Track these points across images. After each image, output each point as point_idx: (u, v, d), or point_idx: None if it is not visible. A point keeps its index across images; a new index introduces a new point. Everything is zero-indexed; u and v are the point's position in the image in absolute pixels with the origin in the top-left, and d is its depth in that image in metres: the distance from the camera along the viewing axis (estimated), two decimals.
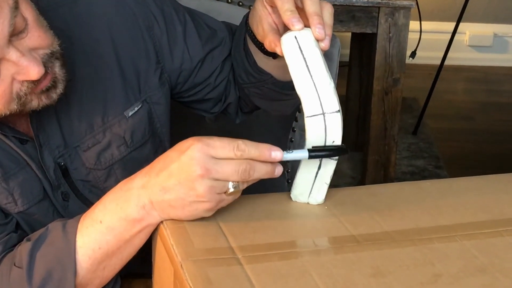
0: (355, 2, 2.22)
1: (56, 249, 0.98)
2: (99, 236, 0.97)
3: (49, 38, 0.98)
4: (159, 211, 0.94)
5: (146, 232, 0.97)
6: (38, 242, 0.99)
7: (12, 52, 0.93)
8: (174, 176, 0.91)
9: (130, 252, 0.99)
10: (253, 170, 0.91)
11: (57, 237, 0.99)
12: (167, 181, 0.91)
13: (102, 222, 0.97)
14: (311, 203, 1.01)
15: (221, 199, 0.92)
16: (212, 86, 1.22)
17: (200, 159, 0.89)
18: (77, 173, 1.12)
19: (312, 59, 0.96)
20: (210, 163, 0.89)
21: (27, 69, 0.94)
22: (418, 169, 2.83)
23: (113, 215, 0.96)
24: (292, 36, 0.96)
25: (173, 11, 1.18)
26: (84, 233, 0.98)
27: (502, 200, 1.03)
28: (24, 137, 1.06)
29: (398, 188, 1.08)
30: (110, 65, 1.13)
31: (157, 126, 1.18)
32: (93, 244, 0.97)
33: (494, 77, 3.68)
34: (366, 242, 0.92)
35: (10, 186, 1.05)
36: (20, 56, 0.94)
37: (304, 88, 0.97)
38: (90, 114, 1.11)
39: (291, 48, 0.96)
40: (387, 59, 2.28)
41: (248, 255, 0.88)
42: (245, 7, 1.50)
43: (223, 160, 0.90)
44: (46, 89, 0.99)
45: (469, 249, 0.91)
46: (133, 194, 0.95)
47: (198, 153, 0.89)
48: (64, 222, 1.00)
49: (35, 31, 0.96)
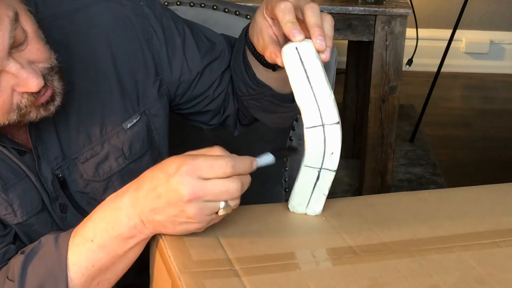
0: (351, 10, 2.22)
1: (48, 262, 0.98)
2: (91, 254, 0.96)
3: (47, 52, 0.99)
4: (151, 229, 0.94)
5: (139, 246, 0.97)
6: (30, 255, 0.99)
7: (12, 64, 0.93)
8: (162, 199, 0.90)
9: (125, 266, 0.99)
10: (243, 185, 0.91)
11: (49, 251, 0.99)
12: (156, 203, 0.91)
13: (93, 241, 0.96)
14: (309, 214, 1.01)
15: (211, 219, 0.92)
16: (211, 98, 1.22)
17: (189, 183, 0.88)
18: (75, 185, 1.12)
19: (312, 70, 0.96)
20: (198, 186, 0.88)
21: (27, 81, 0.94)
22: (416, 176, 2.83)
23: (104, 234, 0.95)
24: (293, 47, 0.96)
25: (172, 24, 1.18)
26: (76, 251, 0.97)
27: (500, 210, 1.03)
28: (22, 149, 1.06)
29: (396, 199, 1.08)
30: (108, 77, 1.12)
31: (156, 138, 1.18)
32: (86, 262, 0.97)
33: (491, 84, 3.69)
34: (364, 253, 0.92)
35: (9, 197, 1.05)
36: (20, 68, 0.94)
37: (304, 99, 0.97)
38: (88, 125, 1.11)
39: (292, 59, 0.97)
40: (383, 66, 2.28)
41: (246, 267, 0.88)
42: (242, 16, 1.50)
43: (211, 181, 0.89)
44: (45, 102, 0.99)
45: (467, 260, 0.91)
46: (123, 214, 0.94)
47: (186, 176, 0.88)
48: (56, 236, 1.00)
49: (34, 43, 0.97)
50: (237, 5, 1.53)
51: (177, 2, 1.48)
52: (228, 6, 1.51)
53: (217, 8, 1.50)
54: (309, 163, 0.99)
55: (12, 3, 0.93)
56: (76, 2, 1.12)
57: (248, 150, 1.54)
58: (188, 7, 1.49)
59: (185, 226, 0.92)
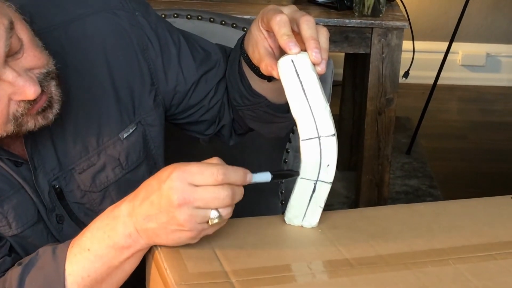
0: (348, 23, 2.23)
1: (45, 273, 0.98)
2: (88, 264, 0.97)
3: (44, 58, 0.99)
4: (145, 239, 0.94)
5: (136, 258, 0.97)
6: (28, 266, 0.99)
7: (8, 72, 0.93)
8: (155, 206, 0.91)
9: (121, 277, 0.99)
10: (234, 194, 0.91)
11: (47, 262, 0.99)
12: (149, 210, 0.92)
13: (90, 250, 0.96)
14: (305, 226, 1.01)
15: (203, 228, 0.92)
16: (206, 108, 1.23)
17: (179, 188, 0.89)
18: (72, 195, 1.12)
19: (308, 82, 0.96)
20: (188, 191, 0.89)
21: (23, 89, 0.95)
22: (412, 188, 2.83)
23: (101, 243, 0.96)
24: (289, 59, 0.97)
25: (168, 34, 1.19)
26: (73, 260, 0.97)
27: (496, 223, 1.04)
28: (19, 160, 1.06)
29: (392, 211, 1.08)
30: (104, 87, 1.13)
31: (152, 148, 1.18)
32: (82, 272, 0.97)
33: (487, 96, 3.69)
34: (360, 266, 0.92)
35: (4, 209, 1.05)
36: (17, 76, 0.94)
37: (300, 111, 0.97)
38: (84, 136, 1.11)
39: (288, 72, 0.97)
40: (380, 79, 2.29)
41: (242, 279, 0.88)
42: (239, 28, 1.51)
43: (202, 187, 0.89)
44: (42, 110, 0.99)
45: (463, 272, 0.91)
46: (120, 223, 0.95)
47: (177, 181, 0.89)
48: (54, 247, 1.00)
49: (30, 51, 0.97)
50: (234, 17, 1.53)
51: (174, 14, 1.49)
52: (225, 18, 1.51)
53: (214, 20, 1.51)
54: (305, 175, 0.99)
55: (6, 11, 0.94)
56: (71, 13, 1.12)
57: (244, 162, 1.54)
58: (185, 19, 1.49)
59: (177, 235, 0.92)
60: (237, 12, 2.16)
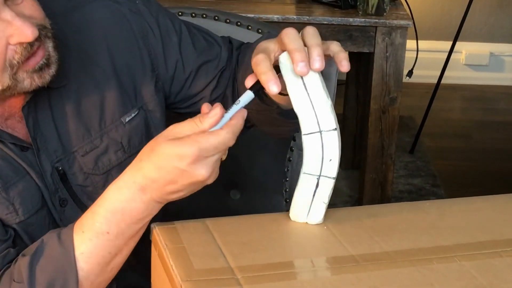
0: (352, 21, 2.23)
1: (54, 259, 0.99)
2: (108, 244, 0.99)
3: (42, 12, 1.01)
4: (165, 203, 0.99)
5: (147, 224, 1.01)
6: (36, 255, 1.00)
7: (7, 11, 0.95)
8: (172, 175, 0.95)
9: (133, 245, 1.02)
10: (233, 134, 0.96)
11: (54, 248, 1.00)
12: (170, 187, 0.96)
13: (109, 233, 0.99)
14: (309, 223, 1.01)
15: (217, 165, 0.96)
16: (208, 100, 1.22)
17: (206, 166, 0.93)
18: (75, 178, 1.12)
19: (309, 77, 0.96)
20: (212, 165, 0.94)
21: (21, 29, 0.96)
22: (415, 187, 2.83)
23: (121, 224, 0.98)
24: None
25: (169, 21, 1.20)
26: (89, 245, 0.99)
27: (501, 220, 1.03)
28: (24, 144, 1.07)
29: (398, 209, 1.08)
30: (106, 72, 1.14)
31: (154, 134, 1.18)
32: (103, 252, 0.99)
33: (491, 95, 3.69)
34: (365, 263, 0.92)
35: (10, 196, 1.06)
36: (15, 16, 0.96)
37: (301, 106, 0.97)
38: (87, 119, 1.12)
39: (289, 67, 0.97)
40: (384, 78, 2.29)
41: (248, 276, 0.88)
42: (243, 26, 1.51)
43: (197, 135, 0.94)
44: (39, 68, 1.00)
45: (468, 270, 0.91)
46: (138, 201, 0.98)
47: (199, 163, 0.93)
48: (58, 232, 1.01)
49: (30, 0, 0.99)
50: (238, 16, 1.54)
51: (179, 12, 1.49)
52: (230, 17, 1.52)
53: (218, 18, 1.51)
54: (308, 170, 0.99)
55: None
56: (72, 1, 1.15)
57: (248, 160, 1.55)
58: (189, 17, 1.50)
59: (199, 185, 0.97)
60: (242, 10, 2.16)
